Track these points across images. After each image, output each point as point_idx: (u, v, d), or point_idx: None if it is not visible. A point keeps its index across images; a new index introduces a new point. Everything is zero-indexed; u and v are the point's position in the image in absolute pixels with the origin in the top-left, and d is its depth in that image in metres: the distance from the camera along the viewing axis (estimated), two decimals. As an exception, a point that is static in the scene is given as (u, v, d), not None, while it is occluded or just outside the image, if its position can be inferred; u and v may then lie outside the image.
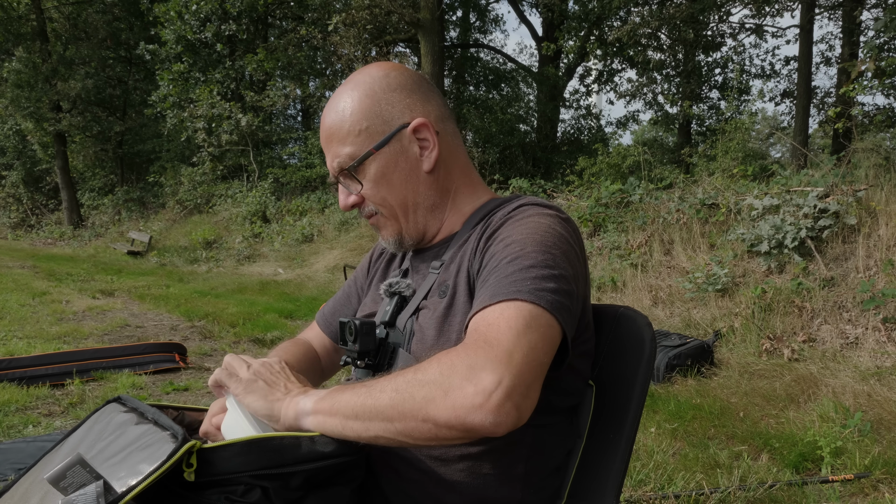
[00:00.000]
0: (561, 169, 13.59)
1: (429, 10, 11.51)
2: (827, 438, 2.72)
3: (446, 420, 0.75)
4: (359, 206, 1.10)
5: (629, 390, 1.03)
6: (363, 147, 1.04)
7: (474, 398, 0.73)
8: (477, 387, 0.74)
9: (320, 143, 1.11)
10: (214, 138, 14.41)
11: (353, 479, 0.90)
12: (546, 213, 1.00)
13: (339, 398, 0.84)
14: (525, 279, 0.85)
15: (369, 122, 1.04)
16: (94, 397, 3.61)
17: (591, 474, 1.03)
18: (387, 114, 1.05)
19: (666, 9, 12.25)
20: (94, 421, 0.93)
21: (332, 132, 1.06)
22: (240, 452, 0.79)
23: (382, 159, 1.05)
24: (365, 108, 1.05)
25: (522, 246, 0.91)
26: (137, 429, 0.83)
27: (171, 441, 0.77)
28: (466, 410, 0.74)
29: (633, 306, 1.70)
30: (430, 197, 1.09)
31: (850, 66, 6.28)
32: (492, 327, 0.81)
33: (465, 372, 0.75)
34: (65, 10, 18.95)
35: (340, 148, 1.05)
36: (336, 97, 1.08)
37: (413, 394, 0.77)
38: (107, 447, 0.82)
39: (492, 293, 0.86)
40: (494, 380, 0.74)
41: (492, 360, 0.76)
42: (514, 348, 0.77)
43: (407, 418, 0.77)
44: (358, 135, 1.04)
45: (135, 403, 0.93)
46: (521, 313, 0.82)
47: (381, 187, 1.06)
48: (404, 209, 1.09)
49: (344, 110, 1.05)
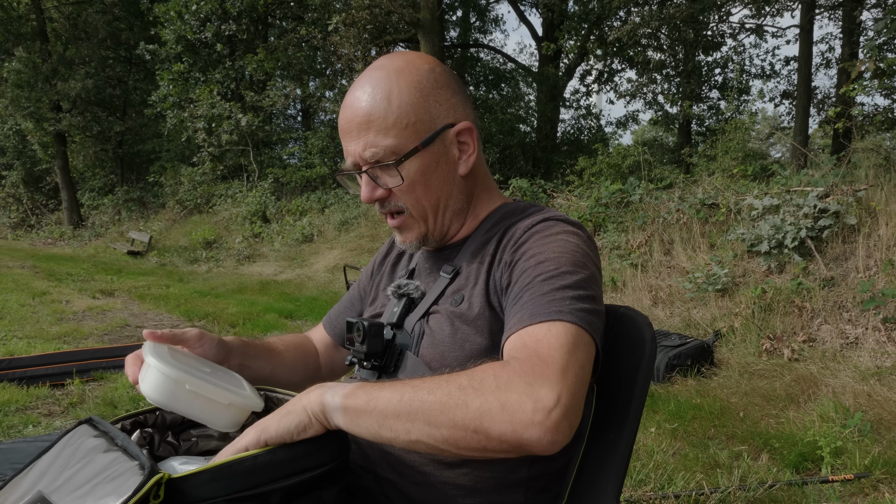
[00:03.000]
0: (561, 169, 13.59)
1: (429, 10, 11.51)
2: (827, 438, 2.72)
3: (500, 433, 0.74)
4: (383, 201, 1.05)
5: (629, 390, 1.03)
6: (408, 142, 0.99)
7: (534, 415, 0.73)
8: (537, 404, 0.74)
9: (343, 127, 1.02)
10: (214, 138, 14.41)
11: (338, 480, 0.89)
12: (572, 230, 1.00)
13: (378, 395, 0.80)
14: (564, 299, 0.86)
15: (417, 117, 0.99)
16: (94, 397, 3.61)
17: (591, 474, 1.03)
18: (434, 111, 1.01)
19: (666, 9, 12.24)
20: (64, 444, 0.90)
21: (372, 119, 0.98)
22: (211, 479, 0.77)
23: (426, 158, 1.01)
24: (414, 101, 0.99)
25: (557, 265, 0.91)
26: (105, 457, 0.81)
27: (139, 473, 0.75)
28: (525, 426, 0.73)
29: (633, 306, 1.70)
30: (459, 201, 1.08)
31: (850, 66, 6.28)
32: (542, 343, 0.81)
33: (523, 387, 0.75)
34: (65, 10, 18.94)
35: (380, 138, 0.98)
36: (374, 81, 1.00)
37: (467, 402, 0.75)
38: (73, 476, 0.80)
39: (532, 312, 0.86)
40: (553, 397, 0.74)
41: (549, 378, 0.76)
42: (567, 366, 0.78)
43: (457, 427, 0.75)
44: (405, 128, 0.98)
45: (105, 427, 0.90)
46: (568, 332, 0.83)
47: (418, 187, 1.02)
48: (435, 211, 1.06)
49: (389, 99, 0.98)
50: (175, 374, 0.89)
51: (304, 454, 0.83)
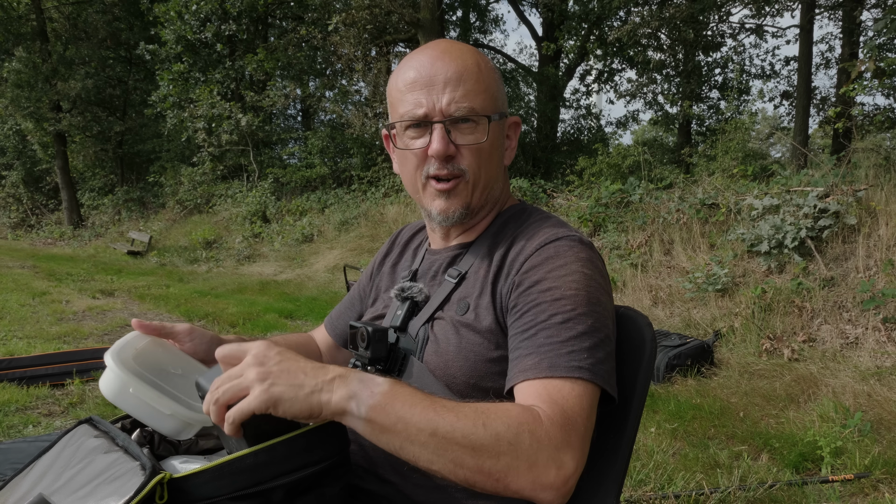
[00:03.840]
0: (561, 169, 13.59)
1: (429, 10, 11.52)
2: (827, 438, 2.72)
3: (519, 489, 0.79)
4: (450, 159, 1.01)
5: (629, 390, 1.03)
6: (499, 107, 1.02)
7: (556, 480, 0.79)
8: (560, 471, 0.80)
9: (425, 80, 0.98)
10: (214, 138, 14.41)
11: (341, 476, 0.89)
12: (583, 256, 0.97)
13: (409, 419, 0.77)
14: (583, 351, 0.88)
15: (499, 91, 1.03)
16: (94, 397, 3.61)
17: (591, 475, 1.03)
18: (502, 97, 1.06)
19: (666, 9, 12.25)
20: (65, 444, 0.90)
21: (464, 77, 0.99)
22: (213, 477, 0.77)
23: (497, 132, 1.04)
24: (497, 78, 1.04)
25: (574, 305, 0.91)
26: (106, 458, 0.81)
27: (140, 473, 0.75)
28: (544, 488, 0.79)
29: (634, 306, 1.70)
30: (497, 189, 1.10)
31: (850, 66, 6.28)
32: (567, 403, 0.84)
33: (552, 452, 0.80)
34: (65, 10, 18.95)
35: (470, 97, 0.98)
36: (459, 50, 1.01)
37: (500, 454, 0.78)
38: (74, 477, 0.80)
39: (552, 362, 0.87)
40: (574, 466, 0.81)
41: (573, 446, 0.81)
42: (587, 431, 0.85)
43: (482, 472, 0.78)
44: (491, 97, 1.01)
45: (106, 426, 0.91)
46: (586, 393, 0.86)
47: (485, 154, 1.02)
48: (485, 187, 1.06)
49: (479, 66, 1.01)
50: (122, 375, 0.90)
51: (303, 450, 0.82)
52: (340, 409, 0.78)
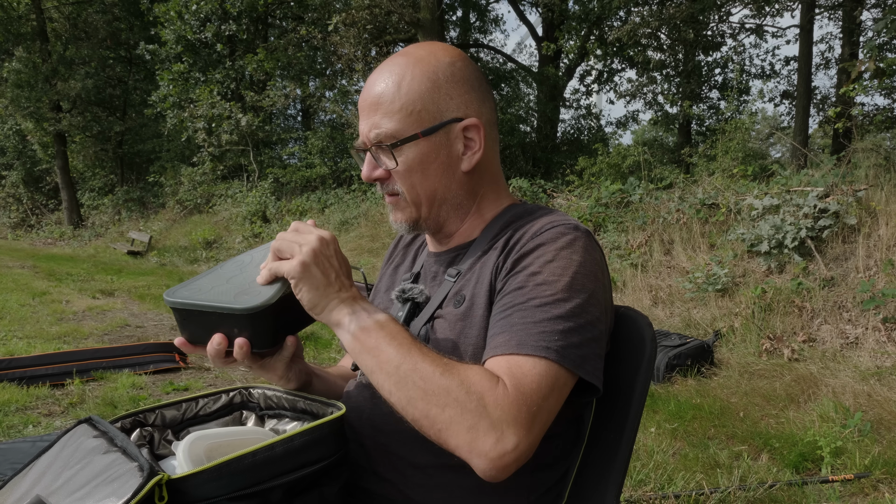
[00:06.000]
0: (561, 169, 13.58)
1: (429, 10, 11.52)
2: (827, 438, 2.72)
3: (455, 446, 0.82)
4: (382, 181, 1.06)
5: (629, 390, 1.03)
6: (410, 128, 1.00)
7: (491, 450, 0.80)
8: (498, 443, 0.80)
9: (359, 105, 1.06)
10: (214, 138, 14.41)
11: (339, 476, 0.89)
12: (578, 243, 0.97)
13: (386, 349, 0.87)
14: (554, 333, 0.87)
15: (423, 105, 1.00)
16: (94, 397, 3.61)
17: (591, 475, 1.03)
18: (443, 103, 1.01)
19: (666, 9, 12.25)
20: (63, 444, 0.90)
21: (380, 101, 1.01)
22: (211, 478, 0.77)
23: (425, 146, 1.02)
24: (423, 90, 1.00)
25: (554, 290, 0.90)
26: (105, 458, 0.81)
27: (138, 474, 0.75)
28: (477, 455, 0.80)
29: (634, 306, 1.70)
30: (458, 196, 1.08)
31: (850, 66, 6.28)
32: (526, 379, 0.84)
33: (495, 421, 0.80)
34: (65, 10, 18.95)
35: (385, 120, 1.00)
36: (392, 66, 1.03)
37: (446, 405, 0.82)
38: (73, 477, 0.80)
39: (520, 340, 0.87)
40: (514, 443, 0.80)
41: (519, 423, 0.81)
42: (538, 412, 0.83)
43: (427, 418, 0.83)
44: (409, 114, 1.00)
45: (105, 426, 0.91)
46: (549, 373, 0.85)
47: (415, 174, 1.03)
48: (430, 201, 1.06)
49: (400, 84, 1.00)
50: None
51: (302, 448, 0.83)
52: (337, 321, 0.90)
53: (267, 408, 1.07)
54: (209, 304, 0.91)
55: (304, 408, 1.01)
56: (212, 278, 0.98)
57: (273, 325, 0.94)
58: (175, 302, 0.94)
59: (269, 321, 0.92)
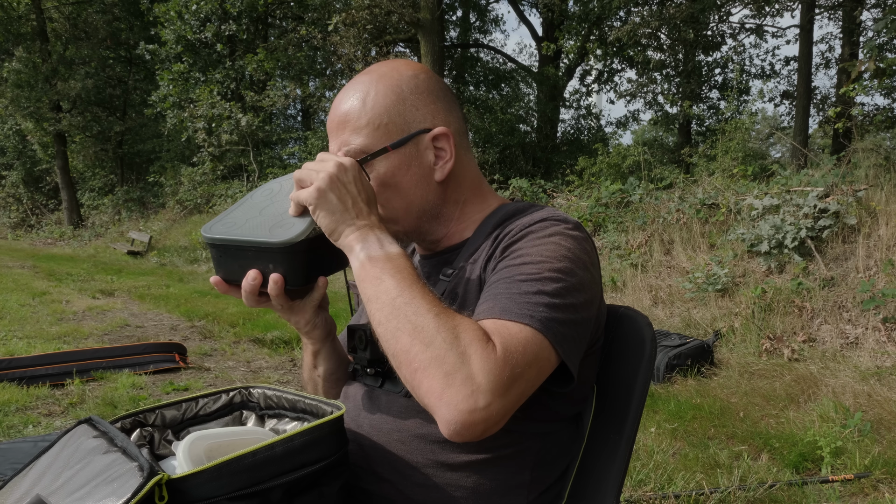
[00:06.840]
0: (561, 169, 13.58)
1: (429, 10, 11.51)
2: (827, 438, 2.72)
3: (426, 390, 0.78)
4: None
5: (629, 390, 1.03)
6: (378, 142, 1.01)
7: (461, 402, 0.76)
8: (470, 398, 0.76)
9: (327, 127, 1.07)
10: (214, 138, 14.41)
11: (339, 476, 0.89)
12: (567, 232, 0.98)
13: (387, 280, 0.86)
14: (538, 304, 0.85)
15: (390, 119, 1.01)
16: (94, 397, 3.61)
17: (591, 475, 1.03)
18: (409, 115, 1.02)
19: (666, 9, 12.26)
20: (63, 445, 0.90)
21: (347, 119, 1.02)
22: (211, 477, 0.77)
23: (396, 160, 1.02)
24: (389, 103, 1.01)
25: (539, 269, 0.90)
26: (105, 458, 0.81)
27: (138, 474, 0.75)
28: (446, 402, 0.76)
29: (634, 306, 1.70)
30: (436, 206, 1.07)
31: (850, 66, 6.28)
32: (512, 341, 0.81)
33: (473, 372, 0.77)
34: (65, 10, 18.96)
35: (353, 137, 1.01)
36: (356, 84, 1.04)
37: (430, 343, 0.79)
38: (72, 478, 0.80)
39: (504, 307, 0.86)
40: (486, 401, 0.76)
41: (497, 382, 0.77)
42: (518, 378, 0.80)
43: (408, 355, 0.80)
44: (376, 129, 1.00)
45: (105, 427, 0.91)
46: (533, 341, 0.83)
47: (389, 188, 1.03)
48: (406, 213, 1.06)
49: (365, 100, 1.01)
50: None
51: (302, 448, 0.83)
52: (349, 245, 0.91)
53: (267, 408, 1.07)
54: (246, 238, 0.92)
55: (304, 408, 1.01)
56: (244, 210, 0.99)
57: (307, 260, 0.95)
58: (213, 238, 0.95)
59: (304, 257, 0.94)
